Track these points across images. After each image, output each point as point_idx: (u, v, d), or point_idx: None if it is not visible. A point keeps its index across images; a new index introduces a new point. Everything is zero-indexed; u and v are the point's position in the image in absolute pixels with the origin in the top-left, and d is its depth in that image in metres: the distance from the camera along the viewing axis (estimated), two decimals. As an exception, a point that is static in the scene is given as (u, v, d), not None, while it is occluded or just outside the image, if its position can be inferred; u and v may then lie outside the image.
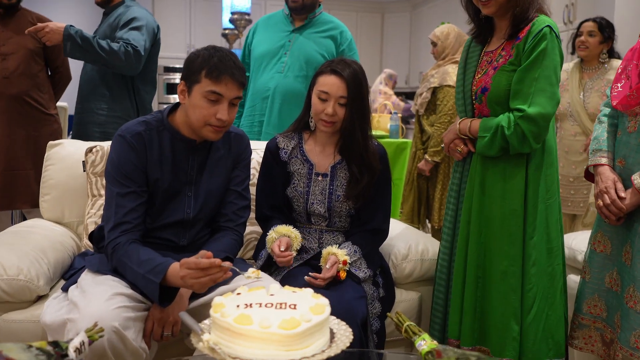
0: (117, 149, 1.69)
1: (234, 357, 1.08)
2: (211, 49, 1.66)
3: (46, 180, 2.22)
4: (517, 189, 1.79)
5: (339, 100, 1.84)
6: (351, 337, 1.19)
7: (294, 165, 1.97)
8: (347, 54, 2.78)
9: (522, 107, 1.70)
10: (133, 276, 1.56)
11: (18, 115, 2.77)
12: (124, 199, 1.65)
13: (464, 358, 1.04)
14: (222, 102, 1.64)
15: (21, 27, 2.80)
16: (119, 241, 1.61)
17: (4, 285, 1.69)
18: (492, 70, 1.79)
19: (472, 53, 1.91)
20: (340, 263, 1.81)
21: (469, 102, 1.87)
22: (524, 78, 1.72)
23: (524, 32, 1.74)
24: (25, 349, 0.98)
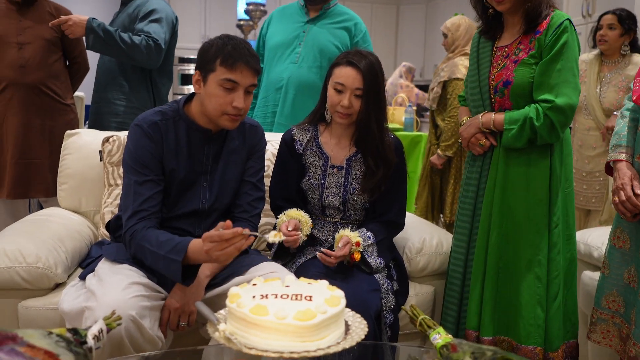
0: (133, 138, 1.70)
1: (250, 348, 1.09)
2: (225, 38, 1.67)
3: (63, 169, 2.24)
4: (542, 178, 1.84)
5: (355, 92, 1.83)
6: (366, 329, 1.19)
7: (309, 158, 1.97)
8: (361, 45, 2.76)
9: (550, 98, 1.75)
10: (153, 259, 1.57)
11: (34, 105, 2.79)
12: (142, 187, 1.66)
13: (480, 352, 1.04)
14: (238, 90, 1.64)
15: (39, 17, 2.82)
16: (136, 228, 1.62)
17: (23, 273, 1.71)
18: (511, 63, 1.82)
19: (483, 49, 1.94)
20: (354, 245, 1.81)
21: (486, 96, 1.90)
22: (548, 70, 1.76)
23: (544, 26, 1.78)
24: (45, 335, 1.00)
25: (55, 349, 0.97)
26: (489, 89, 1.89)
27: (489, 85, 1.89)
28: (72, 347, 1.02)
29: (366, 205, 1.97)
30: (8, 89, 2.77)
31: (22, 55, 2.75)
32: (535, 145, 1.84)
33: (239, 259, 1.74)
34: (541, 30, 1.79)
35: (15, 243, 1.76)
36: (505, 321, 1.88)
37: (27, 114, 2.78)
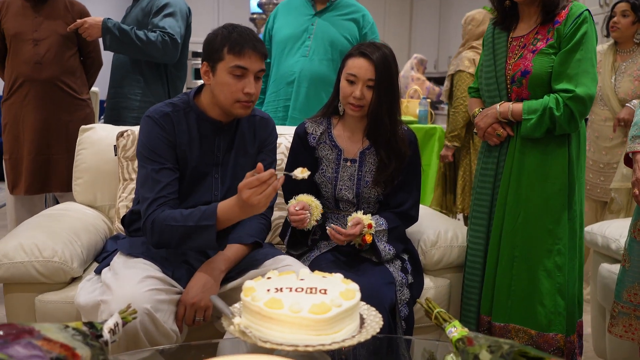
0: (146, 129, 1.71)
1: (265, 341, 1.09)
2: (229, 27, 1.68)
3: (78, 164, 2.26)
4: (561, 168, 1.85)
5: (367, 83, 1.82)
6: (381, 322, 1.19)
7: (322, 151, 1.96)
8: (369, 37, 2.76)
9: (570, 88, 1.77)
10: (183, 234, 1.57)
11: (50, 100, 2.81)
12: (159, 174, 1.67)
13: (496, 346, 1.03)
14: (248, 75, 1.65)
15: (54, 12, 2.83)
16: (156, 214, 1.62)
17: (40, 267, 1.73)
18: (529, 53, 1.83)
19: (499, 39, 1.94)
20: (365, 227, 1.80)
21: (503, 86, 1.90)
22: (568, 60, 1.78)
23: (563, 16, 1.80)
24: (62, 329, 1.00)
25: (71, 342, 0.97)
26: (506, 79, 1.89)
27: (505, 75, 1.89)
28: (88, 341, 1.02)
29: (380, 198, 1.96)
30: (24, 85, 2.79)
31: (37, 51, 2.77)
32: (552, 135, 1.83)
33: (253, 253, 1.74)
34: (560, 20, 1.80)
35: (32, 237, 1.78)
36: (521, 310, 1.89)
37: (43, 110, 2.81)
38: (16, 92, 2.83)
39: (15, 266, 1.71)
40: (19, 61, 2.80)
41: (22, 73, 2.80)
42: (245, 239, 1.72)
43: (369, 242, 1.82)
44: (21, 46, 2.80)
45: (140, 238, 1.76)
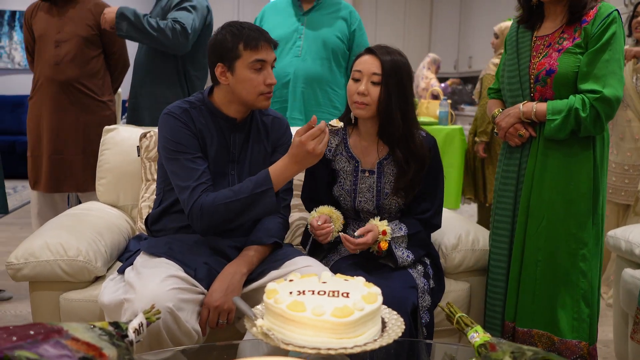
0: (168, 125, 1.73)
1: (287, 343, 1.09)
2: (233, 25, 1.71)
3: (102, 164, 2.29)
4: (586, 171, 1.82)
5: (372, 77, 1.76)
6: (403, 326, 1.19)
7: (339, 163, 1.91)
8: (357, 33, 2.78)
9: (597, 89, 1.73)
10: (240, 207, 1.62)
11: (67, 101, 2.84)
12: (194, 162, 1.69)
13: (520, 352, 1.03)
14: (266, 67, 1.70)
15: (78, 15, 2.87)
16: (202, 199, 1.64)
17: (65, 266, 1.76)
18: (555, 52, 1.80)
19: (523, 38, 1.91)
20: (380, 233, 1.77)
21: (526, 85, 1.87)
22: (595, 60, 1.74)
23: (591, 16, 1.77)
24: (89, 329, 1.02)
25: (98, 342, 0.99)
26: (530, 78, 1.86)
27: (529, 74, 1.86)
28: (114, 341, 1.04)
29: (401, 207, 1.91)
30: (45, 85, 2.84)
31: (58, 52, 2.81)
32: (576, 136, 1.80)
33: (274, 254, 1.75)
34: (588, 19, 1.77)
35: (57, 237, 1.81)
36: (545, 315, 1.87)
37: (60, 111, 2.84)
38: (38, 92, 2.87)
39: (41, 265, 1.75)
40: (41, 62, 2.85)
41: (43, 73, 2.84)
42: (265, 239, 1.73)
43: (384, 248, 1.79)
44: (44, 47, 2.84)
45: (163, 238, 1.78)
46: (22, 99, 6.95)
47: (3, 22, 7.38)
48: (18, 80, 7.21)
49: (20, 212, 4.99)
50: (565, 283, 1.84)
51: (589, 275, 1.83)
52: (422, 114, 4.02)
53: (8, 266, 1.75)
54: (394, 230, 1.82)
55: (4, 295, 2.97)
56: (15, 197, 5.60)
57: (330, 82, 2.74)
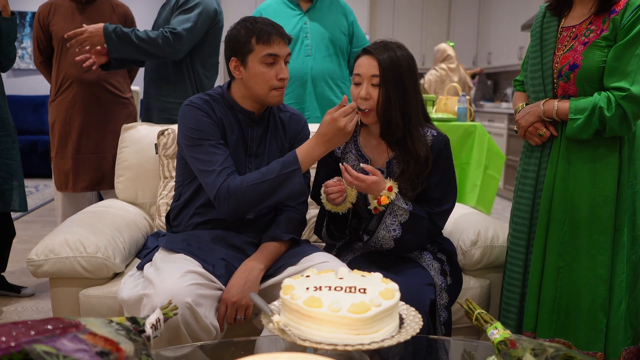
0: (190, 115, 1.73)
1: (304, 339, 1.09)
2: (248, 19, 1.72)
3: (121, 162, 2.30)
4: (610, 174, 1.71)
5: (372, 80, 1.70)
6: (421, 323, 1.17)
7: (348, 161, 1.87)
8: (354, 25, 2.81)
9: (624, 86, 1.61)
10: (269, 187, 1.63)
11: (97, 101, 2.87)
12: (218, 148, 1.70)
13: (541, 349, 1.01)
14: (279, 61, 1.71)
15: (100, 14, 2.88)
16: (229, 182, 1.64)
17: (84, 263, 1.77)
18: (580, 45, 1.70)
19: (548, 28, 1.80)
20: (386, 189, 1.69)
21: (549, 80, 1.77)
22: (623, 55, 1.63)
23: (621, 5, 1.65)
24: (106, 323, 1.02)
25: (115, 337, 0.99)
26: (552, 73, 1.76)
27: (552, 69, 1.76)
28: (131, 336, 1.04)
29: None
30: (72, 86, 2.86)
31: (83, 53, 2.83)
32: (601, 137, 1.70)
33: (291, 250, 1.75)
34: (618, 10, 1.65)
35: (77, 234, 1.82)
36: (565, 323, 1.79)
37: (89, 110, 2.87)
38: (63, 93, 2.89)
39: (61, 261, 1.76)
40: (66, 62, 2.87)
41: (69, 74, 2.86)
42: (282, 236, 1.73)
43: (384, 204, 1.69)
44: (68, 48, 2.87)
45: (181, 234, 1.78)
46: (43, 99, 7.05)
47: (25, 24, 7.48)
48: (40, 80, 7.30)
49: (41, 211, 5.06)
50: (584, 291, 1.74)
51: (607, 283, 1.73)
52: (439, 110, 3.98)
53: (29, 263, 1.77)
54: (398, 198, 1.72)
55: (26, 292, 3.01)
56: (36, 195, 5.67)
57: (341, 77, 2.79)
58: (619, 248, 1.73)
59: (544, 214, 1.80)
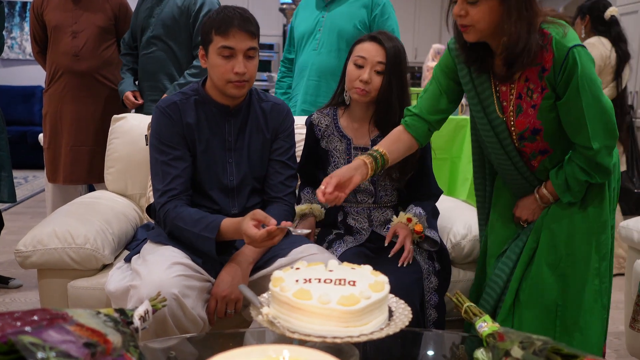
0: (155, 120, 1.75)
1: (293, 332, 1.08)
2: (219, 8, 1.70)
3: (110, 153, 2.29)
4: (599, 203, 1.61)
5: (376, 66, 1.79)
6: (410, 316, 1.17)
7: (331, 143, 1.94)
8: (379, 19, 2.73)
9: (587, 145, 1.49)
10: (188, 237, 1.63)
11: (88, 92, 2.85)
12: (167, 165, 1.70)
13: (529, 342, 1.01)
14: (237, 55, 1.66)
15: (93, 5, 2.86)
16: (168, 207, 1.67)
17: (72, 254, 1.76)
18: (529, 108, 1.54)
19: (481, 86, 1.61)
20: (406, 221, 1.82)
21: (508, 142, 1.61)
22: (570, 112, 1.49)
23: (549, 62, 1.46)
24: (94, 315, 1.01)
25: (103, 328, 0.98)
26: (510, 135, 1.61)
27: (508, 131, 1.60)
28: (119, 327, 1.03)
29: (397, 185, 1.94)
30: (63, 76, 2.84)
31: (75, 43, 2.81)
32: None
33: (280, 242, 1.74)
34: (547, 67, 1.47)
35: (65, 225, 1.81)
36: None
37: (81, 101, 2.85)
38: (55, 83, 2.87)
39: (49, 252, 1.75)
40: (58, 53, 2.85)
41: (61, 65, 2.84)
42: None
43: (422, 230, 1.81)
44: (61, 38, 2.84)
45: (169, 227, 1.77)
46: (33, 89, 6.98)
47: (14, 13, 7.40)
48: (29, 71, 7.23)
49: (30, 202, 5.02)
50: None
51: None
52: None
53: (17, 254, 1.76)
54: (415, 215, 1.85)
55: (14, 283, 3.00)
56: (26, 187, 5.63)
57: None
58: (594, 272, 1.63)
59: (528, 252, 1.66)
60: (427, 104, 1.69)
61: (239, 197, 1.80)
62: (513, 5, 1.42)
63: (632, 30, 4.36)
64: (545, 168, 1.64)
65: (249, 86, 1.73)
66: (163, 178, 1.70)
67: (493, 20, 1.45)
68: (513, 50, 1.46)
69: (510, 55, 1.47)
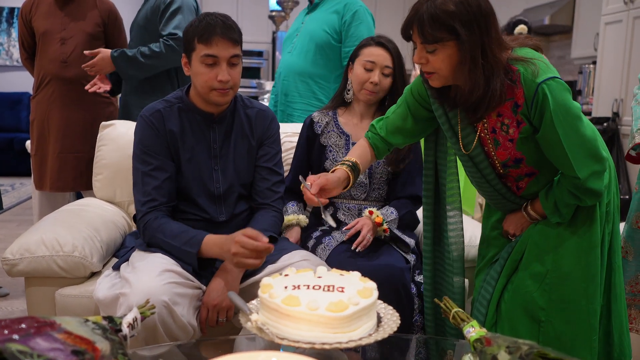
0: (138, 129, 1.76)
1: (282, 338, 1.09)
2: (201, 16, 1.70)
3: (99, 160, 2.28)
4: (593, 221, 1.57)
5: (384, 70, 1.96)
6: (398, 321, 1.18)
7: (330, 139, 2.06)
8: (348, 23, 2.76)
9: (573, 175, 1.46)
10: (168, 250, 1.64)
11: (76, 99, 2.83)
12: (149, 176, 1.71)
13: (515, 346, 1.02)
14: (220, 63, 1.66)
15: (82, 11, 2.84)
16: (148, 218, 1.68)
17: (60, 262, 1.75)
18: (507, 142, 1.51)
19: (454, 116, 1.58)
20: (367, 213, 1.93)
21: (488, 171, 1.59)
22: (550, 144, 1.45)
23: (520, 97, 1.43)
24: (82, 322, 1.01)
25: (91, 336, 0.98)
26: (491, 164, 1.58)
27: (489, 161, 1.57)
28: (107, 335, 1.03)
29: (389, 178, 2.05)
30: (51, 83, 2.82)
31: (64, 50, 2.79)
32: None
33: None
34: (520, 103, 1.43)
35: (53, 232, 1.80)
36: None
37: (68, 108, 2.83)
38: (43, 90, 2.85)
39: (36, 260, 1.74)
40: (46, 59, 2.83)
41: (49, 71, 2.82)
42: None
43: (382, 222, 1.90)
44: (49, 44, 2.82)
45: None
46: (20, 96, 6.94)
47: (1, 19, 7.36)
48: (16, 77, 7.19)
49: (17, 210, 4.98)
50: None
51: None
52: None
53: (3, 262, 1.74)
54: (385, 214, 1.96)
55: (1, 291, 2.97)
56: (12, 194, 5.59)
57: (314, 75, 2.78)
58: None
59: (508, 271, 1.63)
60: (393, 125, 1.68)
61: (226, 204, 1.80)
62: (468, 54, 1.38)
63: (616, 39, 4.43)
64: (533, 190, 1.60)
65: (233, 93, 1.74)
66: (144, 189, 1.70)
67: (455, 66, 1.42)
68: (469, 99, 1.43)
69: (469, 103, 1.45)
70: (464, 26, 1.35)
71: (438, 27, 1.36)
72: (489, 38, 1.38)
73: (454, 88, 1.48)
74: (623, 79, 4.35)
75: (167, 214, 1.71)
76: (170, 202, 1.74)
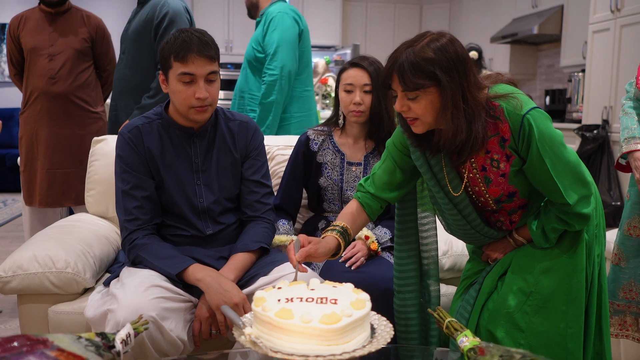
0: (117, 147, 1.75)
1: (275, 351, 1.09)
2: (177, 32, 1.69)
3: (91, 175, 2.28)
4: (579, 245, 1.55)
5: (364, 88, 1.97)
6: (392, 332, 1.19)
7: (325, 156, 2.08)
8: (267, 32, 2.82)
9: (562, 202, 1.46)
10: (153, 269, 1.63)
11: (63, 115, 2.83)
12: (128, 195, 1.71)
13: (508, 356, 1.03)
14: (197, 80, 1.65)
15: (70, 27, 2.85)
16: (134, 237, 1.68)
17: (53, 278, 1.74)
18: (498, 177, 1.51)
19: (436, 163, 1.56)
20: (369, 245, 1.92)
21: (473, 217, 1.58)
22: (538, 173, 1.45)
23: (506, 132, 1.44)
24: (75, 339, 1.01)
25: (84, 353, 0.98)
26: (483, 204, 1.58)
27: (473, 206, 1.57)
28: (100, 351, 1.03)
29: None
30: (39, 99, 2.82)
31: (52, 66, 2.80)
32: None
33: (262, 260, 1.75)
34: (507, 137, 1.45)
35: (45, 249, 1.79)
36: None
37: (57, 124, 2.83)
38: (31, 106, 2.86)
39: (29, 277, 1.73)
40: (34, 75, 2.83)
41: (37, 87, 2.82)
42: (250, 245, 1.72)
43: (376, 248, 1.93)
44: (37, 60, 2.83)
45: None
46: (12, 111, 6.92)
47: (-8, 36, 7.36)
48: (7, 93, 7.18)
49: (9, 226, 4.95)
50: None
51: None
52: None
53: (-4, 279, 1.73)
54: (378, 235, 1.97)
55: (-6, 309, 2.95)
56: (5, 210, 5.56)
57: (244, 89, 2.93)
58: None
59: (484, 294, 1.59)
60: (381, 181, 1.65)
61: (212, 218, 1.80)
62: (449, 99, 1.38)
63: (604, 49, 4.48)
64: (524, 222, 1.59)
65: (212, 109, 1.73)
66: (125, 206, 1.71)
67: (437, 111, 1.42)
68: (453, 143, 1.43)
69: (453, 147, 1.45)
70: (444, 72, 1.37)
71: (419, 74, 1.37)
72: (467, 82, 1.40)
73: (437, 132, 1.48)
74: (612, 86, 4.40)
75: (151, 232, 1.71)
76: (154, 220, 1.73)
